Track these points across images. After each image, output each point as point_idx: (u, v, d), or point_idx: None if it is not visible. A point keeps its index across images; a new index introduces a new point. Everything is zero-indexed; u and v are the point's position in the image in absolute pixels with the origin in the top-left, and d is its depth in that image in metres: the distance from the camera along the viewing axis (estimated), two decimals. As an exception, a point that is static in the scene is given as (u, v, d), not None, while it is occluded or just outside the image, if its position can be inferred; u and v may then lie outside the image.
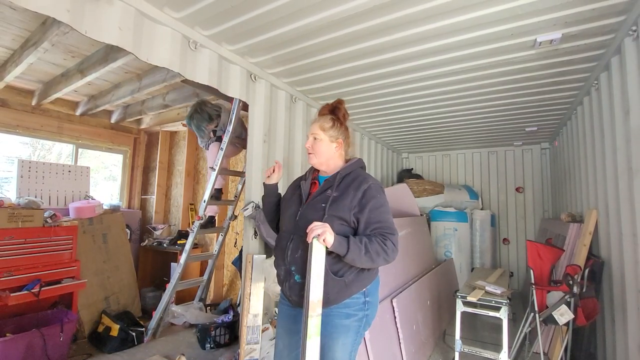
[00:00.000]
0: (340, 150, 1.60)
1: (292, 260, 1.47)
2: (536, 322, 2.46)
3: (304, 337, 1.31)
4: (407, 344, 2.59)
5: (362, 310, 1.48)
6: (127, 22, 1.79)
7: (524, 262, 5.03)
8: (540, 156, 5.15)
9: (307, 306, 1.32)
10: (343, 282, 1.43)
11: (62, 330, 2.62)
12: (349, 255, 1.34)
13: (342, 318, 1.44)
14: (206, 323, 3.18)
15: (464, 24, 1.99)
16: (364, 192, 1.45)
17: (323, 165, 1.60)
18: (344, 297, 1.45)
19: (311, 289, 1.32)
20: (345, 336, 1.45)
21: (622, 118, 2.15)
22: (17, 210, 2.74)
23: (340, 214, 1.43)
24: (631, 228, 2.04)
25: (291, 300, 1.53)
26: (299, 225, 1.48)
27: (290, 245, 1.49)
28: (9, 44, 2.64)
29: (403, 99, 3.28)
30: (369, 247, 1.35)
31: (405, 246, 3.42)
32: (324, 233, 1.30)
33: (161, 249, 4.39)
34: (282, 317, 1.62)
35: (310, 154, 1.60)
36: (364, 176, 1.53)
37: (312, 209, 1.48)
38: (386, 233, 1.41)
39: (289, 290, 1.51)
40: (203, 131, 3.30)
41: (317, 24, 2.02)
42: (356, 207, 1.44)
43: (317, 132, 1.58)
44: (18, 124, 3.69)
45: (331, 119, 1.60)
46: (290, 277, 1.49)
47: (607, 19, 1.91)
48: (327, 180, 1.56)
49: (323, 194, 1.50)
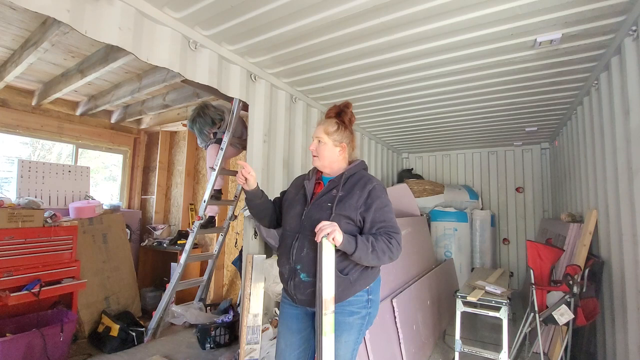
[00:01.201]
0: (343, 153, 1.62)
1: (298, 259, 1.48)
2: (536, 322, 2.46)
3: (320, 335, 1.34)
4: (407, 344, 2.59)
5: (365, 308, 1.51)
6: (127, 22, 1.79)
7: (524, 262, 5.03)
8: (540, 156, 5.15)
9: (320, 304, 1.34)
10: (348, 280, 1.45)
11: (62, 330, 2.62)
12: (356, 253, 1.37)
13: (345, 316, 1.46)
14: (206, 323, 3.18)
15: (464, 24, 1.99)
16: (369, 192, 1.48)
17: (327, 168, 1.62)
18: (349, 295, 1.47)
19: (323, 287, 1.34)
20: (349, 334, 1.47)
21: (622, 118, 2.15)
22: (17, 210, 2.74)
23: (347, 213, 1.45)
24: (631, 228, 2.04)
25: (295, 299, 1.53)
26: (304, 224, 1.50)
27: (295, 244, 1.50)
28: (9, 44, 2.65)
29: (403, 99, 3.28)
30: (376, 245, 1.38)
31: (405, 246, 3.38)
32: (333, 232, 1.32)
33: (161, 249, 4.39)
34: (285, 316, 1.62)
35: (315, 156, 1.62)
36: (368, 177, 1.57)
37: (318, 209, 1.50)
38: (391, 232, 1.45)
39: (293, 288, 1.51)
40: (205, 135, 3.29)
41: (317, 24, 2.02)
42: (362, 206, 1.47)
43: (321, 135, 1.59)
44: (18, 124, 3.69)
45: (336, 122, 1.61)
46: (295, 276, 1.49)
47: (607, 19, 1.91)
48: (332, 181, 1.57)
49: (328, 194, 1.52)
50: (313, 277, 1.45)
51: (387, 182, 5.40)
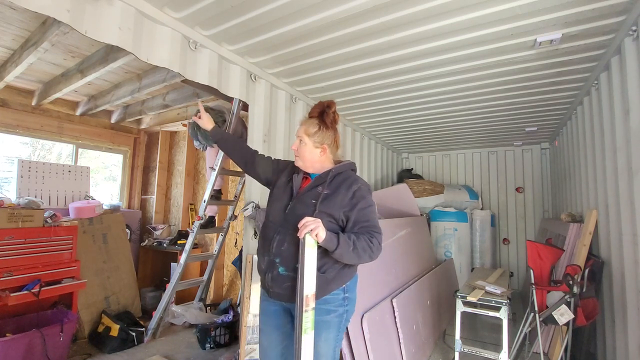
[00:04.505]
0: (325, 154, 1.60)
1: (278, 252, 1.49)
2: (536, 322, 2.46)
3: (300, 332, 1.33)
4: (407, 344, 2.59)
5: (342, 306, 1.52)
6: (127, 22, 1.79)
7: (524, 262, 5.03)
8: (540, 156, 5.15)
9: (300, 301, 1.34)
10: (325, 278, 1.46)
11: (62, 330, 2.61)
12: (338, 250, 1.38)
13: (322, 314, 1.47)
14: (206, 323, 3.18)
15: (463, 24, 1.99)
16: (354, 192, 1.50)
17: (309, 168, 1.62)
18: (325, 293, 1.48)
19: (305, 283, 1.34)
20: (327, 332, 1.48)
21: (622, 118, 2.15)
22: (17, 210, 2.73)
23: (330, 211, 1.47)
24: (631, 228, 2.04)
25: (272, 292, 1.52)
26: (287, 218, 1.51)
27: (276, 237, 1.50)
28: (9, 44, 2.64)
29: (403, 99, 3.28)
30: (357, 244, 1.40)
31: (405, 246, 3.42)
32: (316, 228, 1.33)
33: (161, 249, 4.39)
34: (264, 313, 1.62)
35: (297, 156, 1.62)
36: (354, 177, 1.58)
37: (302, 204, 1.50)
38: (373, 232, 1.46)
39: (271, 281, 1.51)
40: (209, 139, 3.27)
41: (317, 24, 2.02)
42: (347, 205, 1.48)
43: (302, 135, 1.59)
44: (18, 124, 3.69)
45: (317, 123, 1.58)
46: (273, 269, 1.50)
47: (607, 19, 1.91)
48: (319, 177, 1.57)
49: (313, 190, 1.53)
50: (292, 272, 1.46)
51: (387, 182, 5.40)
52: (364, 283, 2.51)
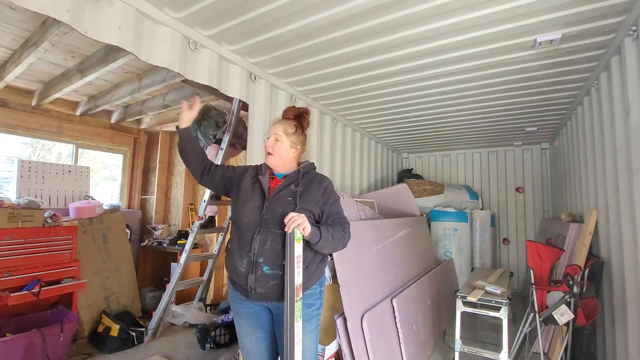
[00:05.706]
0: (296, 155, 1.68)
1: (260, 252, 1.50)
2: (536, 322, 2.46)
3: (291, 322, 1.41)
4: (407, 344, 2.59)
5: (319, 299, 1.63)
6: (127, 22, 1.79)
7: (524, 262, 5.03)
8: (540, 156, 5.15)
9: (289, 292, 1.42)
10: (308, 272, 1.54)
11: (62, 331, 2.61)
12: (320, 242, 1.48)
13: (304, 308, 1.52)
14: (206, 323, 3.18)
15: (463, 24, 1.99)
16: (324, 189, 1.62)
17: (279, 167, 1.66)
18: (307, 288, 1.55)
19: (294, 275, 1.43)
20: (310, 325, 1.56)
21: (622, 118, 2.15)
22: (17, 210, 2.73)
23: (309, 207, 1.55)
24: (631, 228, 2.04)
25: (254, 293, 1.51)
26: (265, 217, 1.53)
27: (257, 237, 1.51)
28: (9, 44, 2.65)
29: (403, 99, 3.28)
30: (334, 234, 1.53)
31: (405, 246, 3.42)
32: (303, 222, 1.41)
33: (161, 249, 4.39)
34: (243, 315, 1.62)
35: (270, 154, 1.64)
36: (320, 175, 1.70)
37: (280, 202, 1.54)
38: (344, 222, 1.61)
39: (254, 282, 1.50)
40: (209, 138, 3.28)
41: (317, 24, 2.02)
42: (320, 200, 1.59)
43: (280, 134, 1.63)
44: (18, 124, 3.69)
45: (295, 125, 1.67)
46: (257, 269, 1.50)
47: (607, 19, 1.91)
48: (289, 176, 1.63)
49: (287, 189, 1.58)
50: (277, 269, 1.49)
51: (387, 182, 5.41)
52: (364, 283, 2.51)
